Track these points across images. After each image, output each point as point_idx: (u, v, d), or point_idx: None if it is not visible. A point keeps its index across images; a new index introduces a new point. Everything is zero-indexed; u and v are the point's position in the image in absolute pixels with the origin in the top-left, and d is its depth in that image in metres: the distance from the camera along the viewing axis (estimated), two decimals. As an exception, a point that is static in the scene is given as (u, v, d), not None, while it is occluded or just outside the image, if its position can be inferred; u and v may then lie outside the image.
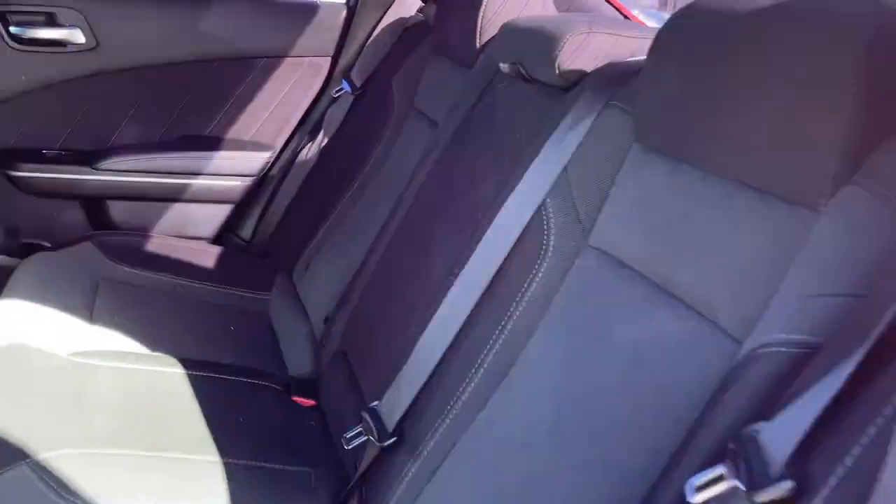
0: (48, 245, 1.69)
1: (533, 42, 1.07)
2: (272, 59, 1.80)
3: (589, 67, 1.01)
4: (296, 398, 1.31)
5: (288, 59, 1.80)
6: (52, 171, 1.76)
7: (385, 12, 1.78)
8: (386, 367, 1.10)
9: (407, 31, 1.74)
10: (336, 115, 1.79)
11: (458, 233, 1.08)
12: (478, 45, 1.35)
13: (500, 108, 1.16)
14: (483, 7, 1.33)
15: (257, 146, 1.86)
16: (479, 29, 1.34)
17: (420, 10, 1.70)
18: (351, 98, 1.77)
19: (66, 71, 1.69)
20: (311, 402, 1.31)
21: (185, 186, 1.82)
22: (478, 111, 1.23)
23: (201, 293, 1.64)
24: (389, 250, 1.29)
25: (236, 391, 1.26)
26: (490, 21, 1.34)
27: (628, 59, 1.00)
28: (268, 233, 1.86)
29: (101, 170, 1.76)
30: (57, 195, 1.80)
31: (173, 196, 1.83)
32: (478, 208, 1.06)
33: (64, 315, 1.36)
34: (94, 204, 1.83)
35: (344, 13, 1.81)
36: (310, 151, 1.83)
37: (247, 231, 1.93)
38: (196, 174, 1.82)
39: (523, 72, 1.10)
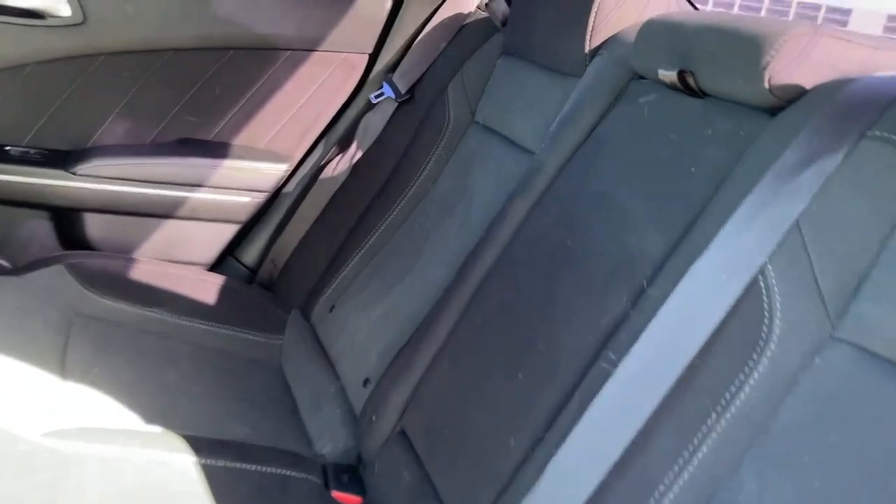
0: (7, 266, 1.34)
1: (716, 44, 0.79)
2: (298, 53, 1.48)
3: (809, 82, 0.73)
4: (337, 494, 1.00)
5: (317, 54, 1.49)
6: (17, 174, 1.40)
7: (439, 6, 1.48)
8: (493, 479, 0.80)
9: (466, 29, 1.45)
10: (374, 124, 1.49)
11: (601, 299, 0.79)
12: (587, 48, 1.07)
13: (652, 130, 0.87)
14: (596, 3, 1.05)
15: (272, 156, 1.54)
16: (590, 28, 1.06)
17: (485, 6, 1.41)
18: (394, 105, 1.47)
19: (42, 49, 1.35)
20: (356, 501, 1.00)
21: (180, 201, 1.48)
22: (608, 132, 0.94)
23: (199, 335, 1.32)
24: (477, 307, 0.98)
25: (265, 489, 0.94)
26: (606, 18, 1.06)
27: (874, 74, 0.72)
28: (280, 261, 1.54)
29: (79, 175, 1.42)
30: (21, 203, 1.44)
31: (165, 211, 1.49)
32: (636, 267, 0.77)
33: (28, 368, 1.03)
34: (68, 216, 1.48)
35: (388, 4, 1.50)
36: (338, 165, 1.52)
37: (251, 256, 1.60)
38: (195, 186, 1.49)
39: (693, 83, 0.82)
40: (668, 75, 0.84)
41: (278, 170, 1.54)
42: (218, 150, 1.50)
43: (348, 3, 1.47)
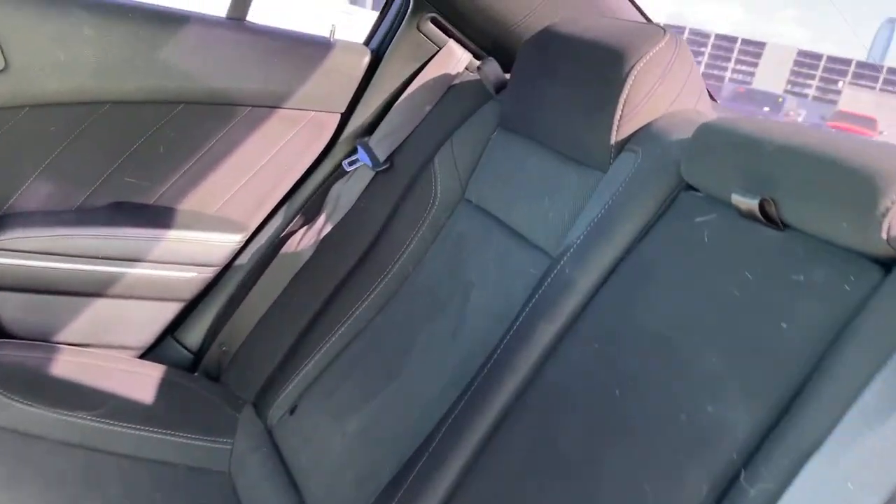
0: None
1: (812, 175, 0.66)
2: (259, 109, 1.29)
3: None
4: None
5: (281, 111, 1.30)
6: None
7: (424, 65, 1.31)
8: None
9: (453, 92, 1.29)
10: (347, 194, 1.30)
11: (673, 481, 0.64)
12: (613, 139, 0.93)
13: (718, 261, 0.73)
14: (626, 91, 0.91)
15: (224, 225, 1.33)
16: (616, 120, 0.92)
17: (476, 68, 1.25)
18: (370, 173, 1.29)
19: (-50, 100, 1.12)
20: None
21: (113, 278, 1.26)
22: (655, 253, 0.79)
23: (133, 444, 1.12)
24: (497, 455, 0.81)
25: None
26: (635, 109, 0.92)
27: None
28: (231, 346, 1.33)
29: (-10, 248, 1.18)
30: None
31: (95, 290, 1.26)
32: (719, 446, 0.62)
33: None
34: (-27, 297, 1.24)
35: (366, 59, 1.33)
36: (302, 238, 1.32)
37: (195, 338, 1.38)
38: (131, 261, 1.26)
39: (774, 213, 0.69)
40: (746, 203, 0.70)
41: (230, 241, 1.33)
42: (160, 217, 1.29)
43: (320, 57, 1.29)
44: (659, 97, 0.93)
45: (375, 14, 1.39)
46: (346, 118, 1.35)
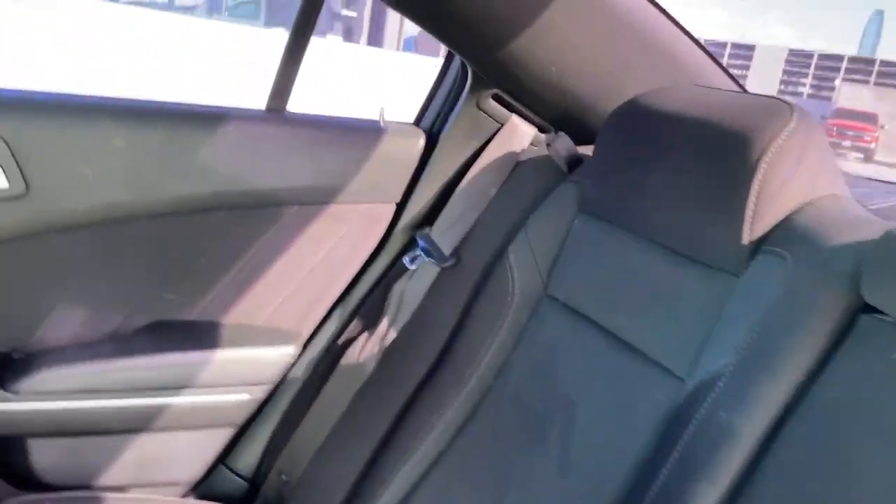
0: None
1: None
2: (306, 207, 1.16)
3: None
4: None
5: (331, 207, 1.16)
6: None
7: (486, 143, 1.18)
8: None
9: (520, 171, 1.16)
10: (411, 293, 1.17)
11: None
12: (747, 238, 0.79)
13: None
14: (757, 181, 0.77)
15: (275, 336, 1.19)
16: (749, 215, 0.78)
17: (546, 143, 1.12)
18: (434, 269, 1.15)
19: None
20: None
21: (156, 410, 1.12)
22: (840, 397, 0.65)
23: None
24: None
25: None
26: (769, 203, 0.78)
27: None
28: (292, 474, 1.18)
29: (20, 393, 1.04)
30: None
31: (136, 426, 1.12)
32: None
33: None
34: (4, 446, 1.10)
35: (421, 141, 1.20)
36: (365, 346, 1.18)
37: (249, 463, 1.24)
38: (176, 388, 1.13)
39: None
40: None
41: (283, 354, 1.19)
42: (204, 334, 1.15)
43: (371, 144, 1.16)
44: (796, 186, 0.79)
45: (371, 49, 1.26)
46: (401, 208, 1.21)
